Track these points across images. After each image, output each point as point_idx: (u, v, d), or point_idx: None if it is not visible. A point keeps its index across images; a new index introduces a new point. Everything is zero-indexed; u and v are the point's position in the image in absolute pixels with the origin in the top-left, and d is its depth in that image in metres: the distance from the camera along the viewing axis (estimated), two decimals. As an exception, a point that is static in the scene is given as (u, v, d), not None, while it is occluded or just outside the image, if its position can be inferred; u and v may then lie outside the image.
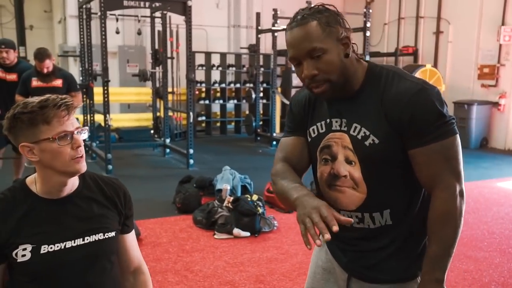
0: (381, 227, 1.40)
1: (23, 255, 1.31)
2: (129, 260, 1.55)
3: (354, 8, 10.43)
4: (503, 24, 8.67)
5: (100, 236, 1.40)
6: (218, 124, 10.68)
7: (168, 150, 7.86)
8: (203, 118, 10.27)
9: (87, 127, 1.41)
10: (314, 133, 1.45)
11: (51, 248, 1.33)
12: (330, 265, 1.53)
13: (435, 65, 9.82)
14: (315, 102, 1.47)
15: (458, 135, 1.31)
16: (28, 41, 10.39)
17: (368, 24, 8.08)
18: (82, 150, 1.35)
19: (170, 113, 8.62)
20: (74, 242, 1.36)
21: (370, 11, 8.22)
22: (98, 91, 7.15)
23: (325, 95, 1.35)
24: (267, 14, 9.28)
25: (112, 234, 1.44)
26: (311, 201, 1.23)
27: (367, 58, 8.26)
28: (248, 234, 4.14)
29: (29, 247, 1.31)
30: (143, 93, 9.67)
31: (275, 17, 8.64)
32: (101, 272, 1.42)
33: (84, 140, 1.38)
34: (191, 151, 6.81)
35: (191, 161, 6.82)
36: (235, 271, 3.46)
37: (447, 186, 1.29)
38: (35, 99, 1.31)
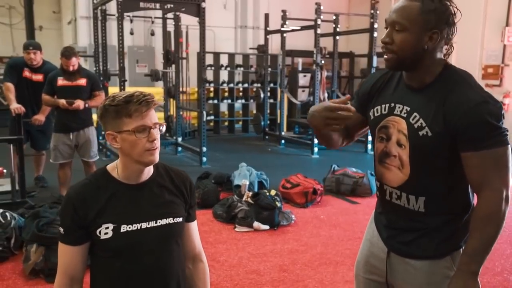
0: (414, 211, 1.57)
1: (106, 233, 1.47)
2: (190, 247, 1.70)
3: (359, 9, 10.59)
4: (507, 25, 8.85)
5: (170, 220, 1.56)
6: (226, 123, 10.86)
7: (180, 149, 8.02)
8: (212, 117, 10.42)
9: (165, 123, 1.56)
10: (377, 112, 1.63)
11: (129, 228, 1.50)
12: (375, 240, 1.72)
13: (440, 65, 9.97)
14: (384, 86, 1.64)
15: (510, 146, 1.45)
16: (38, 42, 10.53)
17: (376, 25, 8.26)
18: (156, 143, 1.49)
19: (181, 112, 8.78)
20: (148, 224, 1.52)
21: (378, 12, 8.38)
22: (112, 91, 7.31)
23: (389, 64, 1.54)
24: (273, 15, 9.46)
25: (180, 219, 1.60)
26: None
27: (375, 58, 8.43)
28: (267, 227, 4.30)
29: (111, 226, 1.48)
30: (154, 93, 9.74)
31: (284, 18, 8.80)
32: (170, 253, 1.59)
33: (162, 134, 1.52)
34: (204, 149, 6.96)
35: (204, 159, 6.98)
36: (259, 261, 3.63)
37: (495, 189, 1.43)
38: (122, 94, 1.46)
